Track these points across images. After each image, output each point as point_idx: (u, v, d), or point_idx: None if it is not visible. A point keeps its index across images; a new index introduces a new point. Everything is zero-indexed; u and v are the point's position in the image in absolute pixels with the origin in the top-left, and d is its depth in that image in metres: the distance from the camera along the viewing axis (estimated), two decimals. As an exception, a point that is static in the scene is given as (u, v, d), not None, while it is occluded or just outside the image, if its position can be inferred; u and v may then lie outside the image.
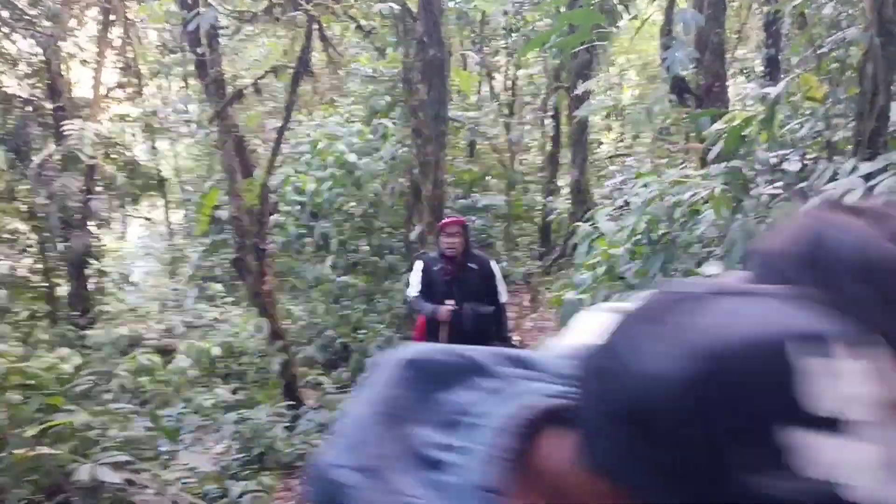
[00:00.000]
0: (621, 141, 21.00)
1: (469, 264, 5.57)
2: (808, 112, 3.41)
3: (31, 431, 3.67)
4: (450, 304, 5.40)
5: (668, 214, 3.36)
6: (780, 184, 2.93)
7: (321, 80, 13.22)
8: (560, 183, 18.17)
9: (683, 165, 8.80)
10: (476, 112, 13.63)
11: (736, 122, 2.99)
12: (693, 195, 3.13)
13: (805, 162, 3.24)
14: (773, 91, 2.95)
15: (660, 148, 16.65)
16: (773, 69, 10.67)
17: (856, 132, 2.87)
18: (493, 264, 5.72)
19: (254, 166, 9.54)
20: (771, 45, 10.71)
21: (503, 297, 5.70)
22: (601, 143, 21.10)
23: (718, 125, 3.42)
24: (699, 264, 3.40)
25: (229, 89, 7.52)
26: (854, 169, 2.59)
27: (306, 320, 11.26)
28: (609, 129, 20.34)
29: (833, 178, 2.66)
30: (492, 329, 5.63)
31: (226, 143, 7.09)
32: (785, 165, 3.04)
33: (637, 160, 16.93)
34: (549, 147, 17.13)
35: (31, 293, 13.52)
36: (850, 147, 3.12)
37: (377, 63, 13.22)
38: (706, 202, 3.56)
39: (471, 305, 5.43)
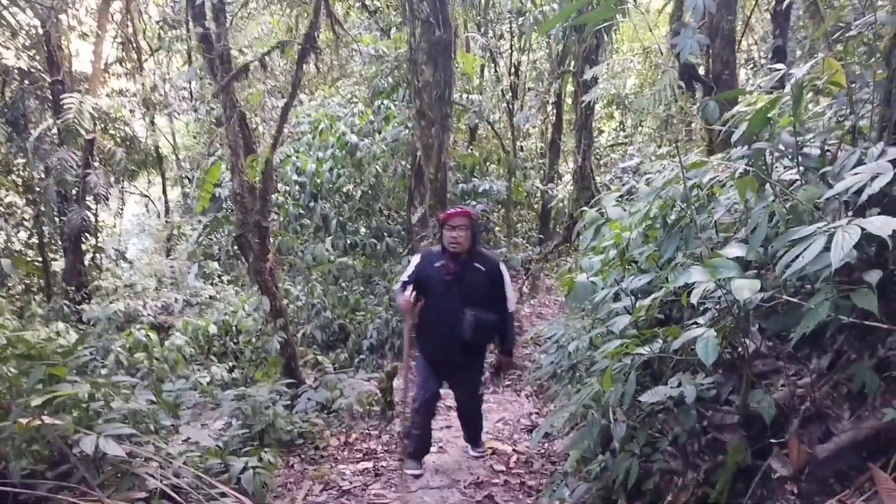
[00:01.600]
0: (622, 129, 20.95)
1: (475, 264, 4.84)
2: (831, 97, 3.38)
3: (36, 401, 3.63)
4: (408, 294, 4.79)
5: (685, 197, 3.32)
6: (800, 169, 2.90)
7: (325, 59, 13.13)
8: (560, 170, 18.16)
9: (687, 153, 8.77)
10: (479, 96, 13.52)
11: (760, 105, 2.95)
12: (714, 178, 3.09)
13: (827, 147, 3.20)
14: (798, 73, 2.91)
15: (662, 136, 16.63)
16: (779, 59, 10.58)
17: (882, 117, 2.84)
18: (502, 267, 4.97)
19: (255, 144, 9.44)
20: (778, 35, 10.62)
21: (512, 304, 5.02)
22: (601, 132, 21.08)
23: (740, 108, 3.38)
24: (713, 249, 3.37)
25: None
26: (882, 153, 2.56)
27: (304, 301, 11.21)
28: (611, 116, 20.27)
29: (860, 163, 2.63)
30: (493, 340, 5.15)
31: (231, 119, 7.00)
32: (806, 149, 3.00)
33: (638, 149, 16.88)
34: (549, 133, 17.08)
35: (26, 267, 13.44)
36: (873, 133, 3.08)
37: (381, 43, 13.12)
38: (723, 185, 3.54)
39: (472, 311, 4.72)
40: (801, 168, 3.01)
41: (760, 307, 2.73)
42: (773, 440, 2.71)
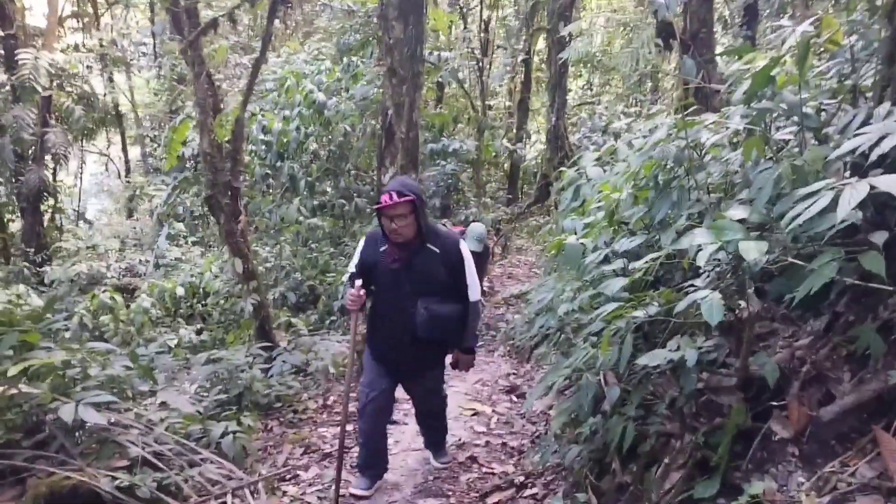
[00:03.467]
0: (590, 88, 20.89)
1: (428, 245, 3.98)
2: (828, 56, 3.34)
3: (13, 371, 3.50)
4: (358, 288, 3.99)
5: (680, 157, 3.27)
6: (803, 129, 2.86)
7: (292, 14, 12.80)
8: (528, 129, 18.08)
9: (656, 112, 8.75)
10: (450, 53, 13.32)
11: (761, 63, 2.90)
12: (717, 137, 3.04)
13: (824, 107, 3.17)
14: (800, 28, 2.85)
15: (630, 95, 16.62)
16: (751, 17, 10.57)
17: (884, 76, 2.80)
18: (463, 248, 4.08)
19: (221, 101, 9.17)
20: (750, -7, 10.58)
21: (474, 292, 4.13)
22: (569, 91, 21.01)
23: (738, 66, 3.33)
24: (701, 213, 3.34)
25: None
26: (889, 113, 2.52)
27: (273, 262, 11.07)
28: (579, 75, 20.18)
29: (866, 123, 2.59)
30: (455, 336, 4.19)
31: (199, 76, 6.77)
32: (806, 109, 2.96)
33: (606, 107, 16.87)
34: (519, 92, 16.95)
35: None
36: (872, 93, 3.05)
37: (349, -2, 12.82)
38: (717, 145, 3.49)
39: (426, 304, 3.94)
40: (799, 128, 2.97)
41: (763, 269, 2.71)
42: (772, 403, 2.71)
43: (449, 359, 4.44)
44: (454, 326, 4.08)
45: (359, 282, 4.00)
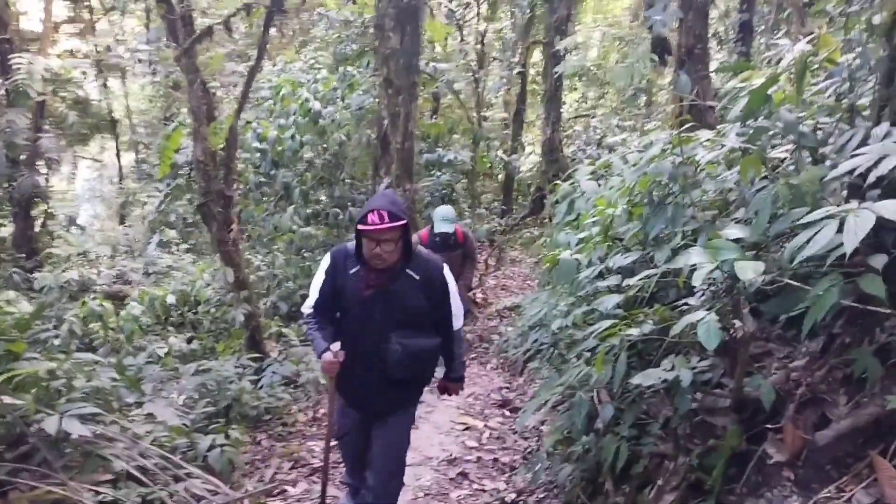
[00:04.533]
0: (584, 101, 20.93)
1: (408, 270, 3.35)
2: (824, 74, 3.32)
3: (-4, 380, 3.44)
4: (334, 350, 3.32)
5: (675, 174, 3.25)
6: (801, 148, 2.83)
7: (288, 23, 12.79)
8: (522, 141, 18.07)
9: (648, 127, 8.76)
10: (446, 64, 13.32)
11: (758, 81, 2.88)
12: (711, 155, 3.02)
13: (820, 126, 3.15)
14: (798, 47, 2.84)
15: (624, 109, 16.63)
16: (745, 34, 10.59)
17: (882, 95, 2.78)
18: (446, 272, 3.49)
19: (215, 109, 9.14)
20: (745, 9, 10.61)
21: (457, 320, 3.58)
22: (563, 103, 21.06)
23: (735, 83, 3.31)
24: (695, 231, 3.31)
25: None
26: (887, 134, 2.50)
27: (266, 271, 11.00)
28: (574, 88, 20.21)
29: (863, 143, 2.57)
30: (432, 371, 3.63)
31: (193, 83, 6.73)
32: (803, 127, 2.94)
33: (600, 121, 16.89)
34: (514, 104, 16.96)
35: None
36: (869, 112, 3.03)
37: (346, 8, 12.81)
38: (713, 163, 3.47)
39: (401, 339, 3.30)
40: (795, 147, 2.95)
41: (759, 290, 2.68)
42: (767, 425, 2.67)
43: (435, 381, 3.86)
44: (431, 363, 3.54)
45: (336, 346, 3.31)
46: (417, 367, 3.44)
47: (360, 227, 3.16)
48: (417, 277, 3.36)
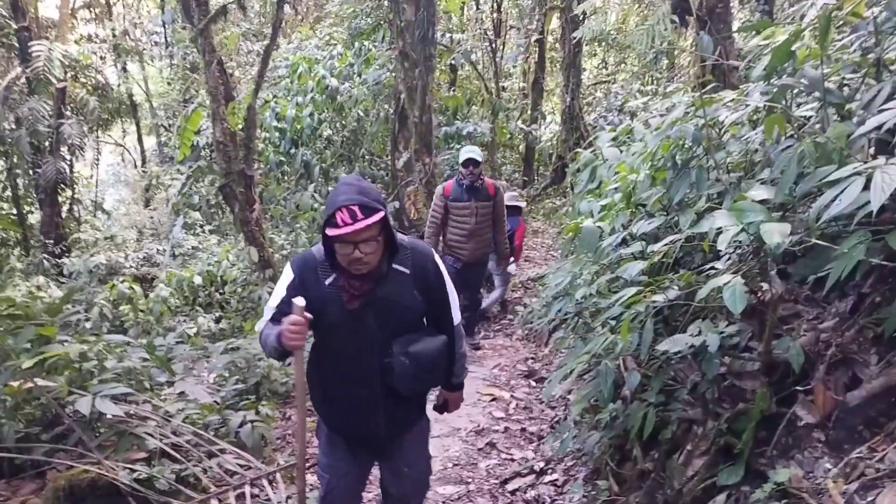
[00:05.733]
0: (605, 67, 20.67)
1: (395, 266, 2.72)
2: (849, 29, 3.24)
3: (27, 364, 3.50)
4: (298, 303, 2.49)
5: (698, 137, 3.19)
6: (826, 105, 2.77)
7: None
8: (542, 110, 17.90)
9: (673, 90, 8.60)
10: (462, 34, 13.20)
11: (781, 38, 2.81)
12: (734, 116, 2.96)
13: (846, 82, 3.08)
14: (821, 1, 2.76)
15: (646, 73, 16.41)
16: (767, -9, 10.36)
17: (909, 49, 2.71)
18: (436, 259, 2.87)
19: (233, 89, 9.16)
20: (767, -34, 10.37)
21: (456, 314, 2.95)
22: (583, 70, 20.82)
23: (756, 41, 3.23)
24: (720, 193, 3.27)
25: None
26: (917, 88, 2.44)
27: (289, 250, 11.07)
28: (593, 54, 19.96)
29: (891, 97, 2.51)
30: (442, 376, 2.96)
31: (210, 64, 6.74)
32: (828, 84, 2.87)
33: (622, 86, 16.68)
34: (532, 73, 16.79)
35: (4, 223, 13.17)
36: (894, 66, 2.96)
37: (360, -18, 12.72)
38: (736, 124, 3.40)
39: (403, 346, 2.69)
40: (820, 104, 2.89)
41: (786, 251, 2.64)
42: (796, 387, 2.64)
43: (432, 398, 3.20)
44: (442, 365, 2.86)
45: (300, 300, 2.50)
46: (429, 375, 2.84)
47: (328, 231, 2.45)
48: (407, 271, 2.73)
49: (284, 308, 2.59)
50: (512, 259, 8.31)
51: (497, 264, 7.71)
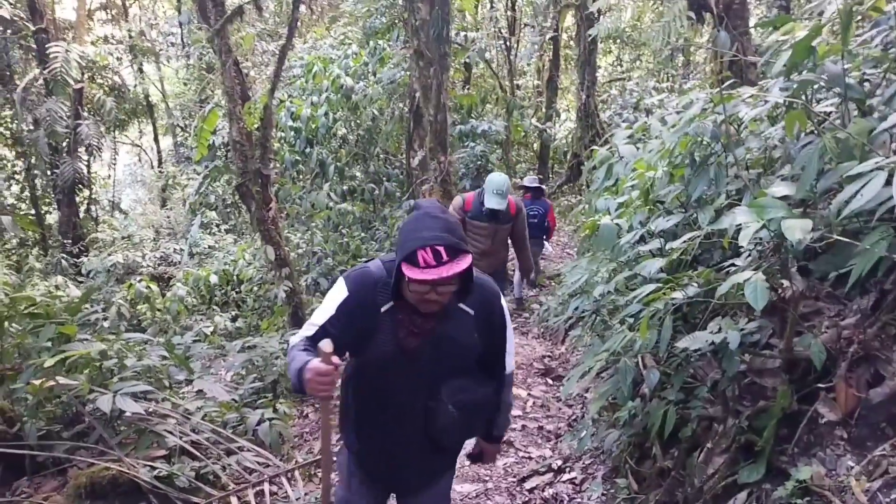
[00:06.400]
0: (620, 64, 20.58)
1: (461, 306, 2.37)
2: (870, 24, 3.22)
3: (49, 362, 3.54)
4: (325, 349, 2.02)
5: (716, 134, 3.18)
6: (847, 101, 2.75)
7: (317, -1, 12.79)
8: (557, 108, 17.85)
9: (690, 87, 8.57)
10: (476, 33, 13.19)
11: (801, 33, 2.79)
12: (754, 112, 2.94)
13: (867, 77, 3.05)
14: (841, -2, 2.74)
15: (661, 70, 16.33)
16: (785, -13, 10.28)
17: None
18: (502, 301, 2.53)
19: (249, 89, 9.20)
20: (783, -38, 10.29)
21: (510, 361, 2.61)
22: (598, 67, 20.75)
23: (775, 37, 3.21)
24: (739, 190, 3.25)
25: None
26: (940, 82, 2.41)
27: (304, 248, 11.11)
28: (608, 51, 19.88)
29: (914, 92, 2.49)
30: (483, 426, 2.61)
31: (226, 64, 6.76)
32: (849, 79, 2.85)
33: (637, 83, 16.61)
34: (547, 70, 16.75)
35: (24, 223, 13.31)
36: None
37: (374, -19, 12.74)
38: (756, 120, 3.38)
39: (453, 394, 2.36)
40: (841, 100, 2.86)
41: (807, 247, 2.62)
42: (818, 384, 2.62)
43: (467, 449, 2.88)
44: (488, 416, 2.57)
45: (327, 343, 2.05)
46: (474, 427, 2.55)
47: (407, 271, 2.09)
48: (472, 312, 2.41)
49: (329, 328, 2.25)
50: (545, 237, 9.16)
51: (521, 278, 7.83)
